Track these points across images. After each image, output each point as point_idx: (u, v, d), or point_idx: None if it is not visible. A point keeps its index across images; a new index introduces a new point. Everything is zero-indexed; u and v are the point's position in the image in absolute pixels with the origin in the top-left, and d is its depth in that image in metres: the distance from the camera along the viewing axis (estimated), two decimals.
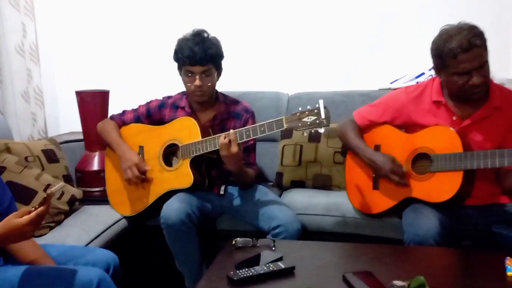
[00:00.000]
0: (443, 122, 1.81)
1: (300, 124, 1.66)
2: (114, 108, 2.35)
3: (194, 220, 1.89)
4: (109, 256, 1.57)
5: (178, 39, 2.03)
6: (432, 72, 2.40)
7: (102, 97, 2.44)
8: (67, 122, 2.93)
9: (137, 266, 2.17)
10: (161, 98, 2.20)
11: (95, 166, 2.40)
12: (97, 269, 1.42)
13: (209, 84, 2.00)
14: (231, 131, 1.82)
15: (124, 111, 2.23)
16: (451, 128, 1.76)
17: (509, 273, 1.35)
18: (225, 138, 1.82)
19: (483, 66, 1.67)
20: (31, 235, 1.29)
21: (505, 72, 2.52)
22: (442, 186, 1.74)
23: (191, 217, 1.87)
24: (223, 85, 2.14)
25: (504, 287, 1.32)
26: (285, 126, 1.70)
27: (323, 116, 1.62)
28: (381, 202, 1.93)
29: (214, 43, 1.98)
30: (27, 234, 1.26)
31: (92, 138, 2.42)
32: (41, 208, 1.25)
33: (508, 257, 1.39)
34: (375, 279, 1.32)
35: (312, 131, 1.66)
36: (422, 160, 1.83)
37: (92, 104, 2.41)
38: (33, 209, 1.26)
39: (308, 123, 1.64)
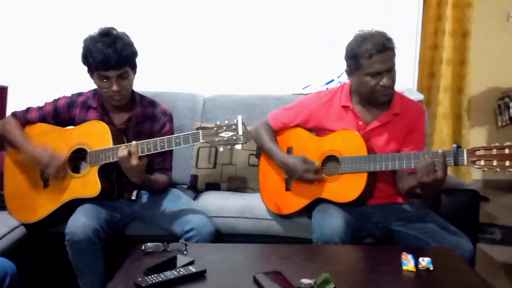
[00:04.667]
0: (350, 126, 1.91)
1: (217, 139, 1.64)
2: (13, 106, 2.16)
3: (102, 235, 1.79)
4: (6, 264, 1.46)
5: (85, 40, 1.87)
6: (340, 79, 2.56)
7: None
8: None
9: (38, 274, 2.02)
10: (70, 96, 2.04)
11: None
12: None
13: (127, 87, 1.90)
14: (133, 142, 1.76)
15: (28, 109, 2.04)
16: (357, 133, 1.87)
17: (404, 267, 1.45)
18: (124, 150, 1.75)
19: (392, 69, 1.80)
20: None
21: (403, 81, 2.73)
22: (348, 187, 1.84)
23: (98, 233, 1.77)
24: (135, 85, 2.06)
25: (400, 279, 1.42)
26: (201, 140, 1.67)
27: (240, 132, 1.61)
28: (293, 203, 1.99)
29: (126, 42, 1.85)
30: None
31: None
32: None
33: (404, 252, 1.50)
34: (284, 279, 1.36)
35: (229, 147, 1.65)
36: (331, 162, 1.92)
37: None
38: None
39: (225, 138, 1.62)
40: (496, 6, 3.75)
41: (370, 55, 1.75)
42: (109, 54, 1.79)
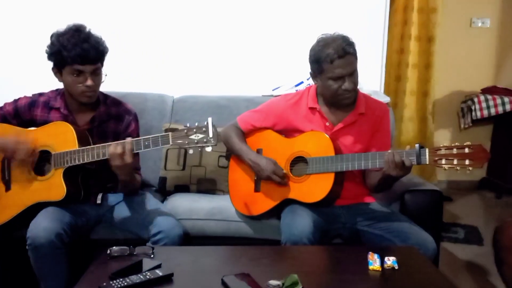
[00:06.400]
0: (318, 127, 1.94)
1: (187, 142, 1.62)
2: None
3: (65, 239, 1.74)
4: None
5: (53, 35, 1.83)
6: (310, 81, 2.58)
7: None
8: None
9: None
10: (30, 96, 1.99)
11: None
12: None
13: (99, 83, 1.88)
14: (128, 139, 1.73)
15: None
16: (325, 134, 1.89)
17: (370, 267, 1.47)
18: (117, 147, 1.71)
19: (353, 73, 1.83)
20: None
21: (370, 84, 2.79)
22: (316, 187, 1.85)
23: (61, 237, 1.72)
24: (104, 85, 2.01)
25: (366, 279, 1.44)
26: (171, 142, 1.65)
27: (211, 134, 1.60)
28: (262, 203, 1.99)
29: (99, 39, 1.85)
30: None
31: None
32: None
33: (370, 252, 1.53)
34: (252, 280, 1.36)
35: (199, 149, 1.64)
36: (299, 163, 1.93)
37: None
38: None
39: (196, 141, 1.61)
40: (459, 12, 3.88)
41: (331, 60, 1.78)
42: (87, 48, 1.78)
